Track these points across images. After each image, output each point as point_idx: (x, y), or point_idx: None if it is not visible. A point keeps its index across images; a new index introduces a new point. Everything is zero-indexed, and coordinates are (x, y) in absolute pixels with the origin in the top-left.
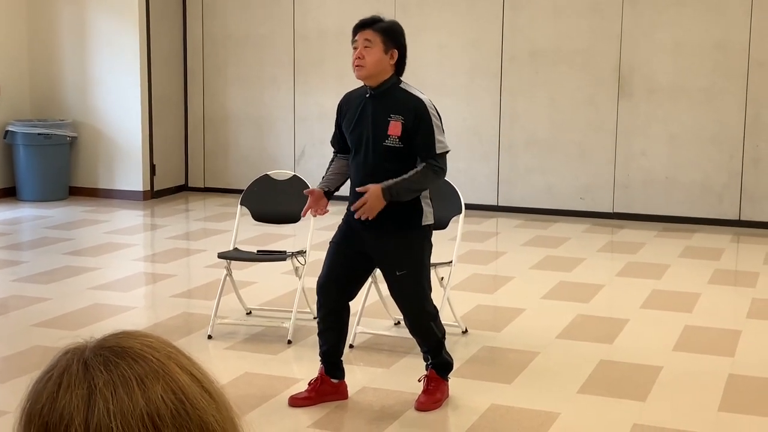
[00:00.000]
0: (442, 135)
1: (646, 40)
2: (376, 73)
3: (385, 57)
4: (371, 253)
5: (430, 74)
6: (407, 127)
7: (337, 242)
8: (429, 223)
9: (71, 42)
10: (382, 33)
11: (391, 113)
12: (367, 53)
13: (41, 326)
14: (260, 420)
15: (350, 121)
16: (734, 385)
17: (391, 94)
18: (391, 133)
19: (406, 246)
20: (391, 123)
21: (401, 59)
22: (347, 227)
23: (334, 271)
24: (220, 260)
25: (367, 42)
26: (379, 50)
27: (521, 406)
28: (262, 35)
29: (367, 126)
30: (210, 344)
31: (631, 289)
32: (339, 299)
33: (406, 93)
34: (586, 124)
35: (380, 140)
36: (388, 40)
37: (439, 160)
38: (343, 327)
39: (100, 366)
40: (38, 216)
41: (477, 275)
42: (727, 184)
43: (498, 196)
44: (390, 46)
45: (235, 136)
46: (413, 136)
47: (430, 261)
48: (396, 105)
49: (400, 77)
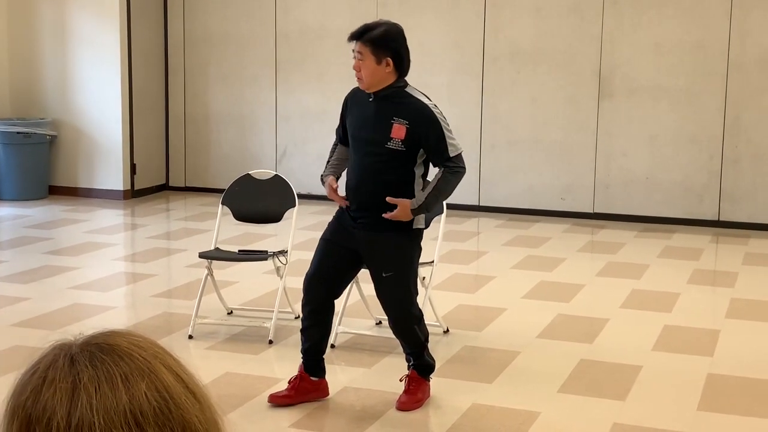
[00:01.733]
0: (453, 138)
1: (627, 41)
2: (375, 83)
3: (379, 67)
4: (361, 252)
5: (412, 74)
6: (412, 131)
7: (327, 239)
8: (420, 227)
9: (51, 40)
10: (371, 44)
11: (395, 116)
12: (362, 66)
13: (21, 326)
14: (241, 420)
15: (354, 119)
16: (713, 384)
17: (396, 97)
18: (395, 136)
19: (396, 248)
20: (394, 126)
21: (400, 64)
22: (338, 224)
23: (322, 268)
24: (201, 260)
25: (360, 54)
26: (371, 62)
27: (502, 405)
28: (243, 34)
29: (371, 125)
30: (191, 344)
31: (611, 289)
32: (325, 296)
33: (412, 98)
34: (567, 124)
35: (383, 142)
36: (378, 50)
37: (456, 161)
38: (326, 325)
39: (86, 361)
40: (17, 215)
41: (458, 275)
42: (707, 184)
43: (479, 196)
44: (382, 56)
45: (217, 135)
46: (423, 142)
47: (417, 266)
48: (401, 109)
49: (404, 79)
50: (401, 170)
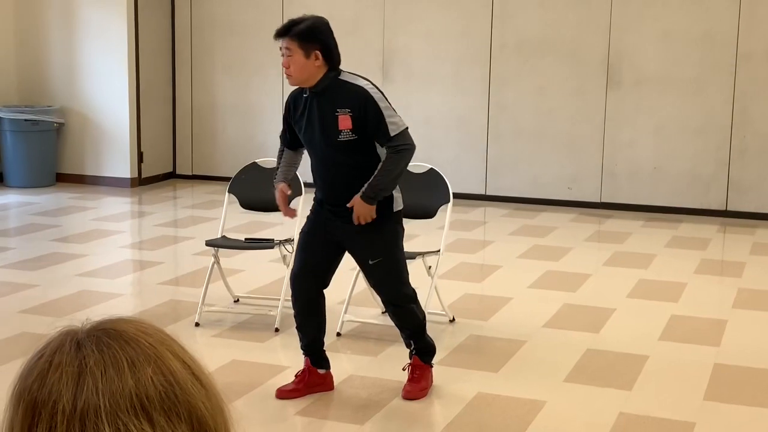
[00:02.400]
0: (394, 115)
1: (635, 31)
2: (306, 78)
3: (309, 61)
4: (342, 242)
5: (418, 63)
6: (356, 117)
7: (307, 232)
8: (399, 209)
9: (59, 28)
10: (297, 39)
11: (337, 108)
12: (291, 62)
13: (28, 313)
14: (247, 408)
15: (300, 121)
16: (719, 374)
17: (333, 88)
18: (342, 128)
19: (379, 234)
20: (339, 117)
21: (329, 55)
22: (316, 217)
23: (307, 262)
24: (207, 248)
25: (288, 50)
26: (299, 57)
27: (508, 394)
28: (250, 22)
29: (318, 125)
30: (197, 332)
31: (618, 279)
32: (314, 289)
33: (348, 84)
34: (574, 114)
35: (333, 137)
36: (305, 43)
37: (400, 140)
38: (320, 317)
39: (92, 346)
40: (25, 203)
41: (464, 264)
42: (714, 174)
43: (486, 186)
44: (310, 50)
45: (223, 123)
46: (365, 125)
47: (403, 245)
48: (340, 98)
49: (336, 69)
50: (363, 157)
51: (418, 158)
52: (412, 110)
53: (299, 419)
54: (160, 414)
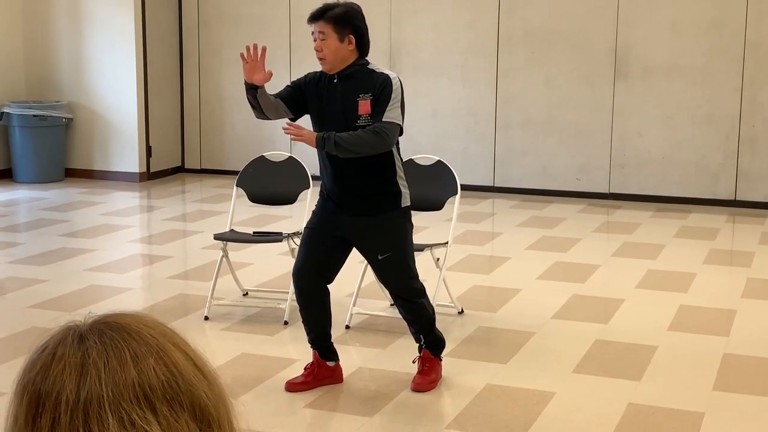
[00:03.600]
0: (398, 109)
1: (643, 20)
2: (339, 62)
3: (342, 45)
4: (350, 238)
5: (426, 54)
6: (373, 100)
7: (313, 227)
8: (407, 204)
9: (67, 23)
10: (332, 22)
11: (360, 93)
12: (324, 45)
13: (37, 308)
14: (256, 401)
15: (318, 103)
16: (729, 364)
17: (360, 74)
18: (362, 113)
19: (387, 228)
20: (360, 102)
21: (361, 41)
22: (323, 212)
23: (311, 257)
24: (216, 242)
25: (322, 34)
26: (333, 40)
27: (517, 385)
28: (257, 15)
29: (338, 107)
30: (206, 325)
31: (627, 269)
32: (317, 285)
33: (375, 72)
34: (582, 104)
35: (352, 121)
36: (341, 27)
37: (386, 125)
38: (326, 311)
39: (95, 338)
40: (34, 198)
41: (473, 256)
42: (723, 164)
43: (494, 177)
44: (344, 33)
45: (231, 117)
46: (375, 105)
47: (412, 240)
48: (364, 84)
49: (365, 58)
50: None
51: (426, 150)
52: (420, 102)
53: (308, 412)
54: (162, 403)
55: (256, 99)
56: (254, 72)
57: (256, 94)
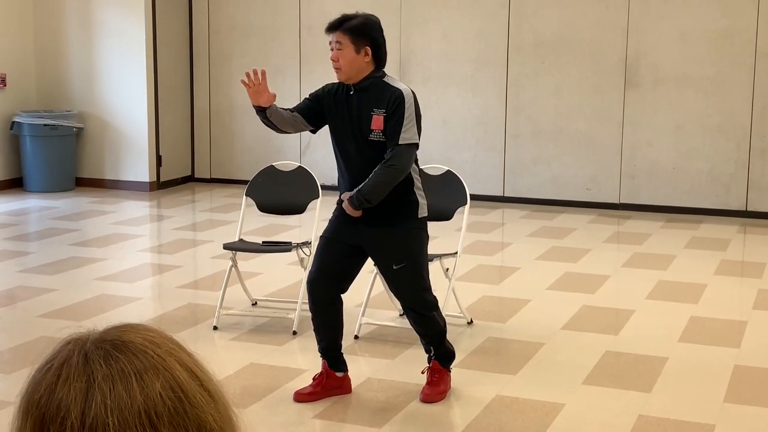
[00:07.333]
0: (413, 127)
1: (653, 30)
2: (355, 73)
3: (358, 56)
4: (365, 247)
5: (436, 64)
6: (387, 119)
7: (329, 236)
8: (424, 215)
9: (77, 33)
10: (349, 33)
11: (374, 108)
12: (341, 56)
13: (48, 317)
14: (265, 411)
15: (334, 114)
16: (740, 376)
17: (374, 88)
18: (375, 128)
19: (403, 239)
20: (374, 117)
21: (377, 53)
22: (339, 221)
23: (326, 266)
24: (225, 251)
25: (338, 44)
26: (350, 51)
27: (526, 396)
28: (267, 26)
29: (353, 121)
30: (215, 335)
31: (637, 280)
32: (331, 293)
33: (390, 87)
34: (593, 114)
35: (365, 135)
36: (358, 38)
37: (396, 157)
38: (338, 321)
39: (101, 359)
40: (45, 207)
41: (482, 266)
42: (734, 174)
43: (504, 187)
44: (361, 45)
45: (241, 126)
46: (388, 123)
47: (428, 252)
48: (378, 99)
49: (382, 70)
50: None
51: (436, 160)
52: (430, 111)
53: (317, 422)
54: (168, 429)
55: (268, 119)
56: (259, 95)
57: (267, 115)
